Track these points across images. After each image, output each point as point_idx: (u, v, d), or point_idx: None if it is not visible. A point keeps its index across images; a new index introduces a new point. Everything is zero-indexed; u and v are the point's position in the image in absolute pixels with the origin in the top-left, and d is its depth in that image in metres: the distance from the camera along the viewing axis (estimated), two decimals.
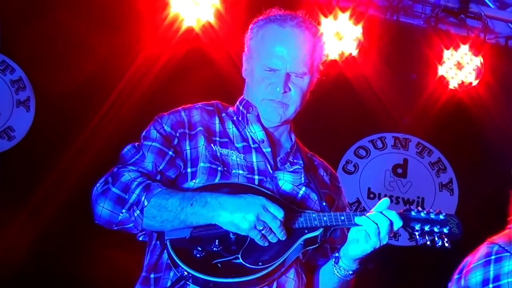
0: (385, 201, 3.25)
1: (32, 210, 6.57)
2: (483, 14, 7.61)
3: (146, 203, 3.05)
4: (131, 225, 3.11)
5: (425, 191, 8.03)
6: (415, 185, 8.05)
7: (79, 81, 6.69)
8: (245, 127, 3.54)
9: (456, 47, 7.74)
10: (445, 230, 3.28)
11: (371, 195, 7.90)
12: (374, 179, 8.01)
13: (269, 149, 3.48)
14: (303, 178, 3.48)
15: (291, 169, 3.50)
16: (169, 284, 3.11)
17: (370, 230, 3.13)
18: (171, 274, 3.12)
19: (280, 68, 3.43)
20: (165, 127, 3.39)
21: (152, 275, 3.24)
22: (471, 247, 6.93)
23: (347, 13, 7.39)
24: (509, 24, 8.00)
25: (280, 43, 3.44)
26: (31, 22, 6.75)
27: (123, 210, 3.08)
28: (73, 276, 6.48)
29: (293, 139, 3.66)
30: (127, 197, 3.08)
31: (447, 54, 7.77)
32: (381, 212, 3.18)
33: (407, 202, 7.87)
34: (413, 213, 3.30)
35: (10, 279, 6.39)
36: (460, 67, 7.78)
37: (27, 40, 6.80)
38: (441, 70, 7.80)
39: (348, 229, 3.30)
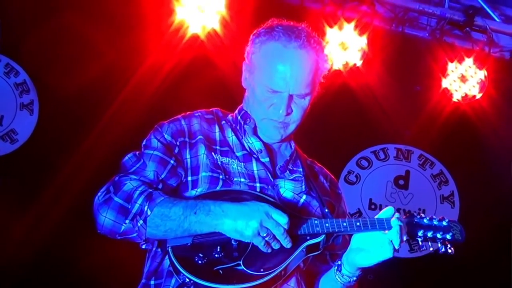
0: (389, 209, 3.25)
1: (35, 213, 6.57)
2: (488, 27, 7.60)
3: (149, 213, 3.04)
4: (135, 234, 3.09)
5: (426, 203, 8.01)
6: (417, 197, 8.04)
7: (83, 85, 6.69)
8: (242, 137, 3.54)
9: (461, 60, 7.73)
10: (448, 237, 3.28)
11: (372, 206, 7.89)
12: (375, 190, 8.00)
13: (267, 159, 3.49)
14: (303, 186, 3.48)
15: (291, 177, 3.50)
16: None
17: (395, 240, 3.13)
18: (173, 281, 3.12)
19: (282, 90, 3.40)
20: (166, 136, 3.40)
21: (152, 282, 3.23)
22: (472, 260, 6.95)
23: (352, 24, 7.38)
24: None
25: (283, 64, 3.40)
26: (36, 25, 6.76)
27: (126, 221, 3.06)
28: (72, 279, 6.48)
29: (293, 147, 3.66)
30: (130, 207, 3.07)
31: (451, 66, 7.76)
32: (401, 223, 3.17)
33: (408, 214, 7.86)
34: (415, 219, 3.31)
35: (15, 281, 6.40)
36: (464, 80, 7.76)
37: (32, 43, 6.80)
38: (445, 83, 7.79)
39: (350, 236, 3.30)
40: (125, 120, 6.74)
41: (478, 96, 7.81)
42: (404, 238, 3.17)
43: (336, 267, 3.34)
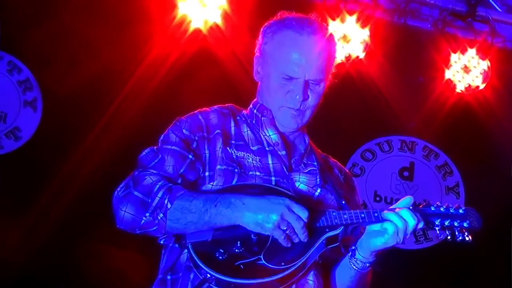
0: (409, 199, 3.27)
1: (38, 210, 6.57)
2: (490, 17, 7.60)
3: (169, 206, 3.04)
4: (155, 228, 3.09)
5: (431, 194, 8.00)
6: (422, 188, 8.04)
7: (86, 81, 6.68)
8: (259, 130, 3.54)
9: (463, 51, 7.73)
10: (465, 224, 3.25)
11: (377, 198, 7.89)
12: (380, 182, 8.00)
13: (284, 152, 3.48)
14: (318, 180, 3.49)
15: (306, 171, 3.51)
16: (189, 286, 3.11)
17: (400, 226, 3.14)
18: (191, 275, 3.12)
19: (299, 76, 3.41)
20: (184, 131, 3.39)
21: (169, 277, 3.23)
22: (477, 252, 6.95)
23: (354, 16, 7.39)
24: None
25: (298, 50, 3.42)
26: (39, 22, 6.74)
27: (147, 214, 3.06)
28: (80, 277, 6.48)
29: (307, 141, 3.66)
30: (150, 200, 3.07)
31: (454, 57, 7.76)
32: (410, 210, 3.19)
33: (413, 205, 7.86)
34: (432, 208, 3.30)
35: (16, 279, 6.41)
36: (467, 70, 7.76)
37: (35, 41, 6.78)
38: (448, 74, 7.79)
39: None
40: (129, 115, 6.75)
41: (482, 86, 7.81)
42: (410, 229, 3.17)
43: (350, 253, 3.33)
